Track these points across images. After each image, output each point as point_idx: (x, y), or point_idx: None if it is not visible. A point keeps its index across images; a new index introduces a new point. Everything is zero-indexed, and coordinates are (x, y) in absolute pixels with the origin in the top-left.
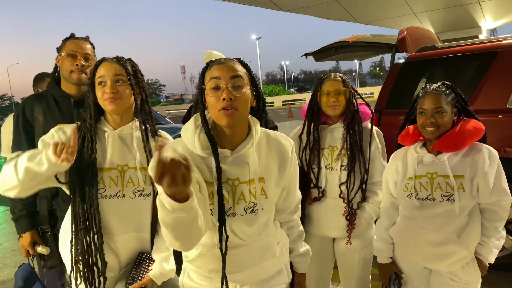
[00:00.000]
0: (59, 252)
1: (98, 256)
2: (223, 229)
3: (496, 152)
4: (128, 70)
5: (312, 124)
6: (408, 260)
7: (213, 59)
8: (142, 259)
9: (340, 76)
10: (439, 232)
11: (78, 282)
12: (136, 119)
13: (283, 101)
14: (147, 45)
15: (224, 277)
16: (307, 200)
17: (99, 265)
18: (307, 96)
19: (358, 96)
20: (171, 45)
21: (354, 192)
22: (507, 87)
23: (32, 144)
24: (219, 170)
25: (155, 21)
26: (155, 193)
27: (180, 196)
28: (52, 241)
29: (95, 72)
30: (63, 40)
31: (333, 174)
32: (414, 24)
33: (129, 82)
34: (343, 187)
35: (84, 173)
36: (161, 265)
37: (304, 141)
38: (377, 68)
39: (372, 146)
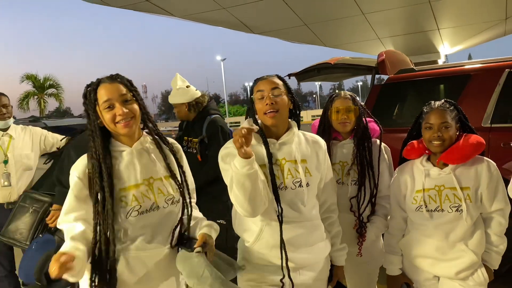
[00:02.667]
0: None
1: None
2: (278, 200)
3: (495, 164)
4: (128, 86)
5: (324, 139)
6: (418, 270)
7: (261, 77)
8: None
9: (349, 95)
10: (448, 241)
11: None
12: (143, 131)
13: None
14: (108, 64)
15: (282, 245)
16: None
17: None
18: None
19: (367, 114)
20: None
21: (364, 206)
22: (480, 107)
23: None
24: (268, 151)
25: (117, 40)
26: (184, 199)
27: (245, 157)
28: None
29: (95, 96)
30: None
31: (344, 189)
32: (379, 49)
33: (134, 98)
34: (354, 201)
35: (105, 203)
36: (207, 223)
37: None
38: (336, 91)
39: (381, 161)
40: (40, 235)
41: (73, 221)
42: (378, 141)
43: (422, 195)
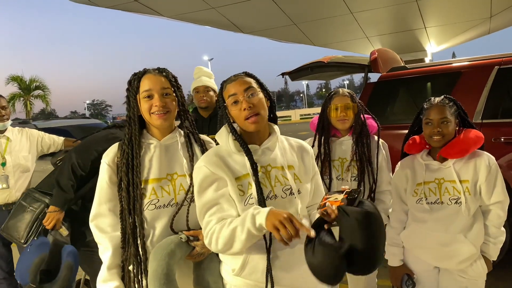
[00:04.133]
0: None
1: (143, 276)
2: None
3: (494, 158)
4: (172, 82)
5: (323, 137)
6: (419, 261)
7: (228, 79)
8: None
9: (348, 92)
10: (448, 233)
11: None
12: (177, 127)
13: None
14: (93, 64)
15: (269, 271)
16: (318, 209)
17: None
18: None
19: (365, 111)
20: (119, 64)
21: None
22: (471, 104)
23: None
24: (252, 159)
25: (101, 40)
26: None
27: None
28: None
29: (138, 83)
30: None
31: (343, 185)
32: (367, 47)
33: (174, 94)
34: None
35: (130, 188)
36: None
37: (315, 153)
38: (323, 90)
39: (379, 157)
40: (36, 238)
41: (107, 212)
42: (376, 137)
43: (422, 188)
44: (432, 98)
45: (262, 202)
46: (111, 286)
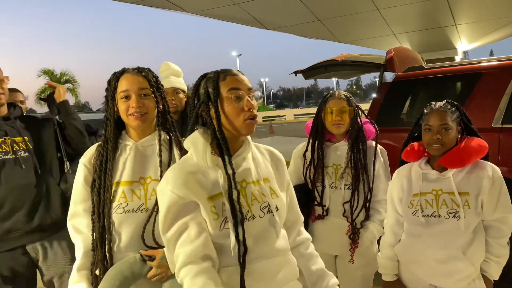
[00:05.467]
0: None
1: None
2: (242, 235)
3: (499, 169)
4: (152, 82)
5: (317, 142)
6: (414, 277)
7: (228, 70)
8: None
9: (344, 95)
10: (445, 249)
11: None
12: (157, 130)
13: (263, 117)
14: (124, 61)
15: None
16: (310, 217)
17: None
18: (286, 112)
19: (363, 115)
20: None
21: (358, 211)
22: (491, 107)
23: None
24: (228, 173)
25: (133, 36)
26: None
27: None
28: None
29: (116, 84)
30: None
31: (336, 193)
32: (394, 45)
33: (153, 95)
34: (347, 206)
35: (100, 191)
36: None
37: (308, 159)
38: (354, 87)
39: (376, 164)
40: None
41: (82, 212)
42: (374, 143)
43: (418, 199)
44: (433, 102)
45: (240, 225)
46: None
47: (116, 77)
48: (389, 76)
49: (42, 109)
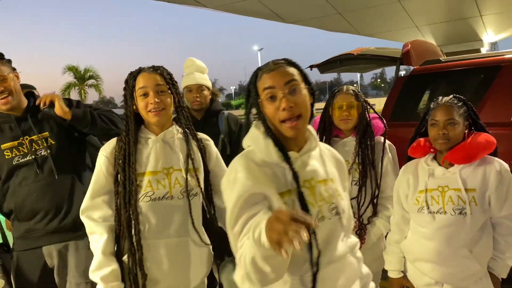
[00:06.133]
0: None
1: (137, 268)
2: (315, 238)
3: (507, 166)
4: (167, 79)
5: (324, 138)
6: (420, 274)
7: (265, 66)
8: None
9: (352, 90)
10: (451, 247)
11: None
12: (175, 124)
13: None
14: (148, 54)
15: None
16: None
17: (139, 279)
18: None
19: (372, 110)
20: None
21: (365, 208)
22: (511, 101)
23: None
24: (294, 171)
25: (154, 32)
26: (202, 193)
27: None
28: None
29: (134, 82)
30: None
31: None
32: (416, 37)
33: (169, 91)
34: (354, 202)
35: (126, 183)
36: None
37: None
38: (378, 80)
39: (384, 160)
40: None
41: (101, 203)
42: (382, 139)
43: (424, 195)
44: (440, 97)
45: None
46: (108, 270)
47: (133, 76)
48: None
49: None
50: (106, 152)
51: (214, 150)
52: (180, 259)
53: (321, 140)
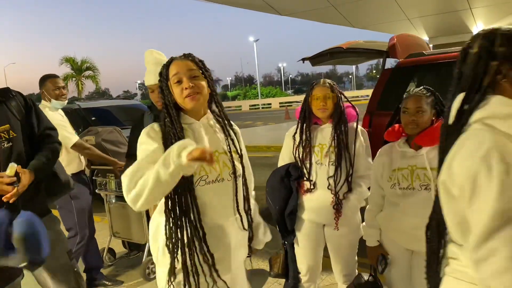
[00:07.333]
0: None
1: (204, 250)
2: None
3: None
4: (199, 64)
5: (304, 125)
6: (393, 243)
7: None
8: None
9: (328, 83)
10: (418, 218)
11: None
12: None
13: (280, 103)
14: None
15: None
16: (300, 191)
17: (208, 259)
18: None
19: (345, 99)
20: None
21: (341, 185)
22: None
23: None
24: None
25: (151, 24)
26: (243, 173)
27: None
28: None
29: (167, 71)
30: None
31: (322, 169)
32: (408, 29)
33: (203, 75)
34: (331, 180)
35: None
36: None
37: (298, 140)
38: (374, 71)
39: (356, 143)
40: None
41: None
42: (355, 124)
43: (396, 174)
44: (412, 88)
45: None
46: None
47: (166, 65)
48: None
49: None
50: (155, 141)
51: (240, 136)
52: (227, 241)
53: (302, 127)
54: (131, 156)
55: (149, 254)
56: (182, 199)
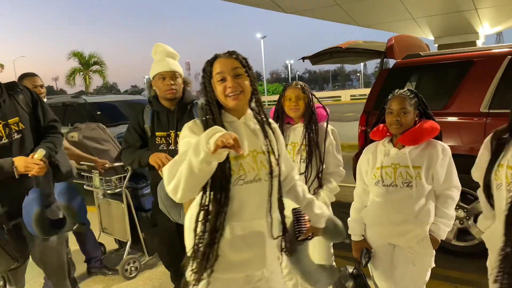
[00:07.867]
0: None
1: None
2: None
3: (449, 148)
4: (243, 62)
5: (278, 124)
6: (376, 237)
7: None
8: (296, 214)
9: (300, 84)
10: (400, 213)
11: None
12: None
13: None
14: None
15: None
16: None
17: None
18: None
19: (317, 100)
20: (177, 42)
21: (311, 181)
22: (480, 93)
23: None
24: None
25: (160, 19)
26: (279, 174)
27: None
28: None
29: (211, 69)
30: None
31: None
32: (413, 29)
33: (247, 74)
34: (302, 177)
35: (225, 166)
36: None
37: None
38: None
39: (326, 142)
40: None
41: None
42: (325, 124)
43: (380, 171)
44: (396, 90)
45: None
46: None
47: (210, 63)
48: None
49: (72, 90)
50: (198, 135)
51: (280, 133)
52: (261, 237)
53: None
54: (125, 143)
55: (130, 252)
56: (217, 196)
